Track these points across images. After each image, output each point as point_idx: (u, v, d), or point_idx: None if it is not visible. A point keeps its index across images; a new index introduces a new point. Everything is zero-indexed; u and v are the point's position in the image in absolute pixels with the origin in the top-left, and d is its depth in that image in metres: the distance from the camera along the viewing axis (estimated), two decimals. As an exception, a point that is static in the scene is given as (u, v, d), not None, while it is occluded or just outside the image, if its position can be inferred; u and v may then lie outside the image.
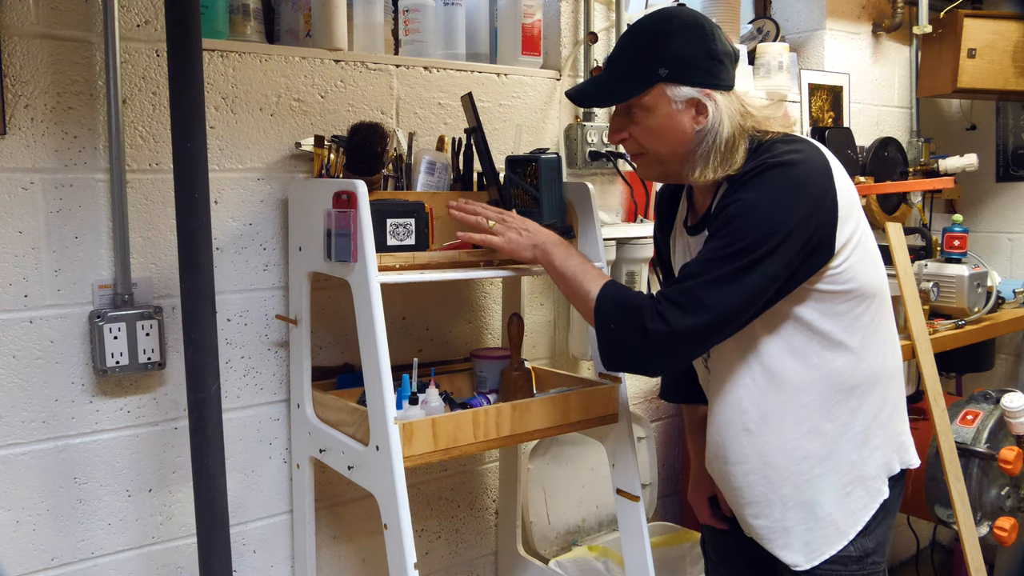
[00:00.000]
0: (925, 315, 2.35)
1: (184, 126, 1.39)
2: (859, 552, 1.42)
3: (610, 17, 2.30)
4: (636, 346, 1.35)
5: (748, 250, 1.27)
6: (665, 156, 1.40)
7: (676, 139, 1.38)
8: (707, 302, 1.28)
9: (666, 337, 1.30)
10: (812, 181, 1.30)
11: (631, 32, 1.42)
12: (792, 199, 1.28)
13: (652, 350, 1.34)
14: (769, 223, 1.27)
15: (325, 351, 1.86)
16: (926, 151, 3.08)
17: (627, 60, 1.39)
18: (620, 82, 1.39)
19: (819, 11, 2.87)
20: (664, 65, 1.35)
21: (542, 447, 2.19)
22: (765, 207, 1.28)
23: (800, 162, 1.30)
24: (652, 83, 1.35)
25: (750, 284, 1.28)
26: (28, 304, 1.53)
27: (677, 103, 1.36)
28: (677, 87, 1.35)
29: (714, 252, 1.30)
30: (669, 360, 1.40)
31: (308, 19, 1.82)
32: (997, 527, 2.25)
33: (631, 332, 1.34)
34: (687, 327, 1.29)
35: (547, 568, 2.08)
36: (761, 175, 1.30)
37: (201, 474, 1.47)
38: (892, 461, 1.45)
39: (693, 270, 1.32)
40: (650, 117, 1.37)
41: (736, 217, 1.29)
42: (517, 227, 1.53)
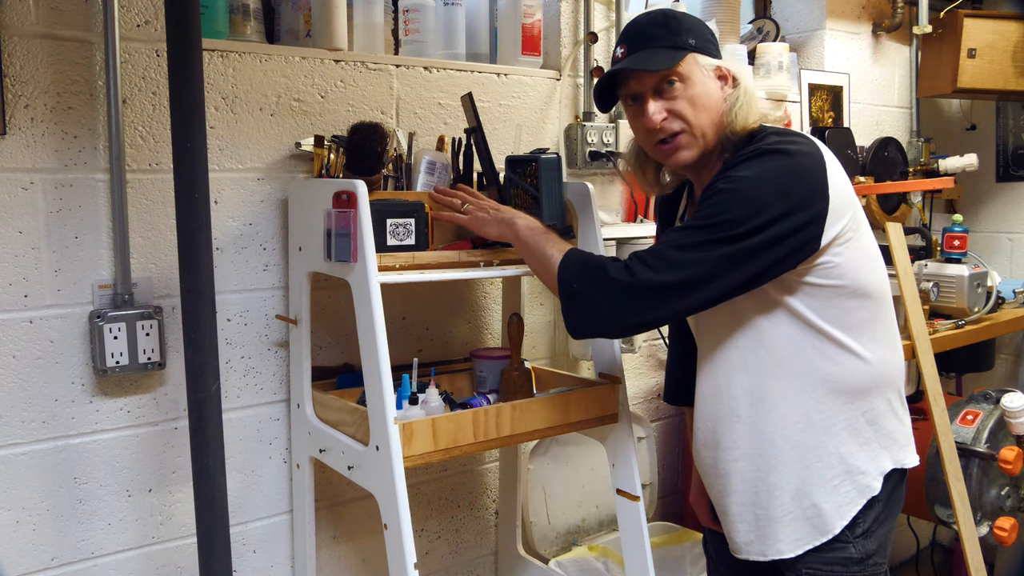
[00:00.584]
0: (925, 315, 2.35)
1: (184, 126, 1.39)
2: (860, 554, 1.42)
3: (610, 17, 2.30)
4: (598, 301, 1.35)
5: (727, 224, 1.28)
6: (706, 127, 1.40)
7: (715, 107, 1.40)
8: (674, 261, 1.30)
9: (628, 288, 1.31)
10: (804, 172, 1.31)
11: (639, 23, 1.43)
12: (781, 187, 1.29)
13: (614, 302, 1.33)
14: (753, 203, 1.28)
15: (325, 351, 1.86)
16: (926, 151, 3.08)
17: (652, 38, 1.40)
18: (659, 54, 1.38)
19: (819, 11, 2.87)
20: (689, 36, 1.39)
21: (542, 447, 2.19)
22: (752, 188, 1.29)
23: (795, 153, 1.32)
24: (686, 51, 1.38)
25: (723, 257, 1.29)
26: (28, 304, 1.53)
27: (707, 71, 1.40)
28: (704, 56, 1.40)
29: (694, 220, 1.32)
30: (630, 313, 1.35)
31: (308, 19, 1.82)
32: (997, 527, 2.25)
33: (594, 287, 1.35)
34: (649, 280, 1.30)
35: (547, 568, 2.08)
36: (755, 159, 1.31)
37: (201, 474, 1.47)
38: (885, 459, 1.44)
39: (670, 237, 1.34)
40: (689, 87, 1.39)
41: (721, 192, 1.30)
42: (486, 207, 1.57)
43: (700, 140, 1.41)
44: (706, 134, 1.40)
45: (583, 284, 1.37)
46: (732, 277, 1.31)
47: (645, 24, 1.42)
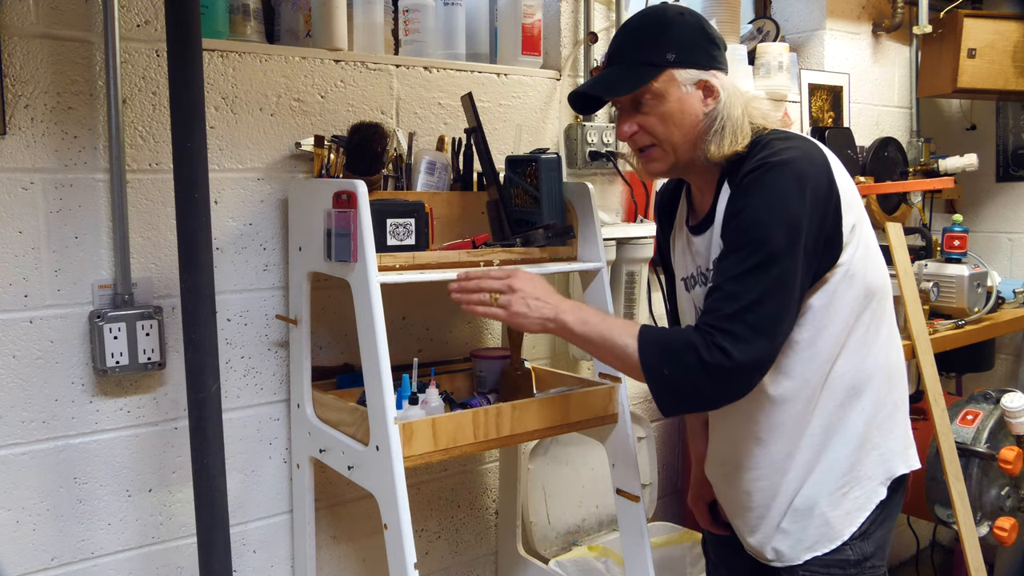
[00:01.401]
0: (925, 315, 2.35)
1: (184, 126, 1.39)
2: (857, 556, 1.42)
3: (610, 17, 2.30)
4: (698, 384, 1.28)
5: (773, 257, 1.26)
6: (678, 143, 1.38)
7: (689, 123, 1.37)
8: (758, 326, 1.26)
9: (730, 371, 1.26)
10: (813, 175, 1.30)
11: (628, 27, 1.41)
12: (798, 196, 1.28)
13: (717, 385, 1.28)
14: (783, 223, 1.26)
15: (325, 351, 1.86)
16: (926, 151, 3.08)
17: (631, 51, 1.38)
18: (629, 73, 1.37)
19: (819, 11, 2.87)
20: (670, 50, 1.35)
21: (542, 447, 2.19)
22: (775, 208, 1.27)
23: (799, 159, 1.30)
24: (661, 68, 1.35)
25: (786, 290, 1.27)
26: (28, 304, 1.53)
27: (687, 86, 1.36)
28: (685, 70, 1.36)
29: (741, 266, 1.28)
30: (737, 392, 1.31)
31: (308, 19, 1.82)
32: (997, 527, 2.24)
33: (689, 372, 1.28)
34: (749, 358, 1.26)
35: (547, 568, 2.08)
36: (763, 177, 1.29)
37: (201, 474, 1.47)
38: (893, 463, 1.44)
39: (729, 290, 1.28)
40: (662, 104, 1.36)
41: (752, 225, 1.28)
42: (526, 296, 1.40)
43: (671, 154, 1.40)
44: (677, 149, 1.39)
45: (675, 370, 1.29)
46: (797, 300, 1.31)
47: (633, 30, 1.40)
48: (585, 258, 1.76)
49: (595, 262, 1.75)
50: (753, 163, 1.32)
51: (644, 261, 2.18)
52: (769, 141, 1.35)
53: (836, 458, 1.40)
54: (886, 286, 1.44)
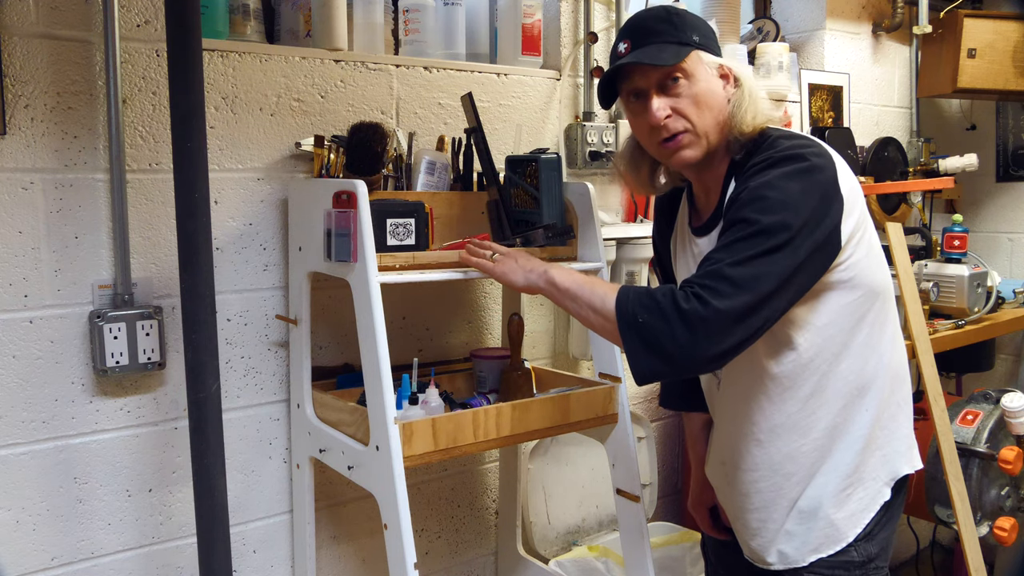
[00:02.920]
0: (925, 315, 2.35)
1: (184, 126, 1.39)
2: (862, 557, 1.41)
3: (610, 17, 2.30)
4: (674, 334, 1.22)
5: (767, 232, 1.23)
6: (710, 128, 1.37)
7: (718, 106, 1.37)
8: (739, 281, 1.22)
9: (706, 319, 1.21)
10: (819, 174, 1.30)
11: (642, 19, 1.40)
12: (803, 191, 1.27)
13: (691, 333, 1.21)
14: (784, 211, 1.25)
15: (325, 351, 1.86)
16: (926, 151, 3.08)
17: (656, 34, 1.37)
18: (665, 49, 1.35)
19: (819, 11, 2.87)
20: (694, 33, 1.37)
21: (542, 447, 2.19)
22: (778, 195, 1.26)
23: (807, 156, 1.30)
24: (691, 48, 1.36)
25: (776, 265, 1.24)
26: (28, 304, 1.53)
27: (711, 68, 1.37)
28: (708, 54, 1.38)
29: (734, 235, 1.26)
30: (712, 343, 1.23)
31: (308, 19, 1.82)
32: (997, 527, 2.24)
33: (664, 319, 1.23)
34: (726, 307, 1.21)
35: (547, 568, 2.08)
36: (770, 168, 1.29)
37: (201, 474, 1.47)
38: (897, 463, 1.44)
39: (717, 255, 1.26)
40: (694, 84, 1.36)
41: (751, 202, 1.27)
42: (518, 259, 1.49)
43: (703, 140, 1.37)
44: (709, 134, 1.37)
45: (651, 317, 1.24)
46: (794, 284, 1.27)
47: (648, 19, 1.39)
48: (585, 258, 1.76)
49: (595, 262, 1.75)
50: (761, 156, 1.32)
51: (644, 261, 2.18)
52: (775, 139, 1.35)
53: (841, 459, 1.40)
54: (889, 287, 1.43)
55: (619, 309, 1.29)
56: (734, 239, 1.26)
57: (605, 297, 1.32)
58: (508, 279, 1.48)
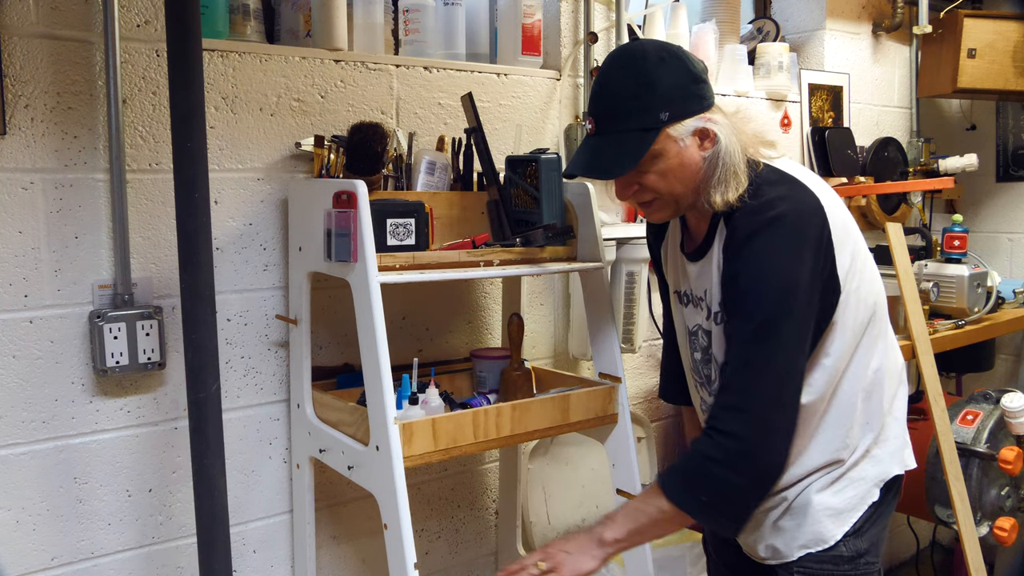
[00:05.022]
0: (925, 315, 2.35)
1: (184, 126, 1.39)
2: (851, 552, 1.43)
3: (610, 17, 2.30)
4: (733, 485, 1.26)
5: (771, 321, 1.25)
6: (680, 194, 1.36)
7: (690, 175, 1.34)
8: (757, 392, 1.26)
9: (746, 451, 1.25)
10: (807, 225, 1.29)
11: (610, 90, 1.34)
12: (791, 255, 1.27)
13: (746, 472, 1.26)
14: (781, 284, 1.26)
15: (325, 351, 1.86)
16: (926, 151, 3.08)
17: (621, 118, 1.33)
18: (625, 144, 1.32)
19: (819, 11, 2.87)
20: (662, 109, 1.30)
21: (542, 447, 2.19)
22: (768, 273, 1.27)
23: (790, 211, 1.28)
24: (657, 131, 1.31)
25: (785, 352, 1.26)
26: (28, 304, 1.53)
27: (684, 140, 1.32)
28: (680, 124, 1.31)
29: (740, 339, 1.28)
30: (768, 465, 1.28)
31: (308, 19, 1.82)
32: (997, 527, 2.24)
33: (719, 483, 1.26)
34: (757, 427, 1.25)
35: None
36: (755, 239, 1.28)
37: (201, 474, 1.47)
38: (886, 465, 1.46)
39: (729, 376, 1.29)
40: (661, 162, 1.33)
41: (745, 293, 1.28)
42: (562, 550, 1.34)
43: (673, 204, 1.38)
44: (680, 199, 1.37)
45: (710, 490, 1.27)
46: (802, 357, 1.29)
47: (616, 94, 1.33)
48: (585, 258, 1.76)
49: (595, 262, 1.75)
50: (745, 215, 1.30)
51: (644, 261, 2.18)
52: (759, 188, 1.31)
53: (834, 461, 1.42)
54: (883, 298, 1.44)
55: (680, 504, 1.29)
56: (741, 342, 1.28)
57: (660, 507, 1.30)
58: (579, 571, 1.33)
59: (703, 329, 1.46)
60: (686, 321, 1.52)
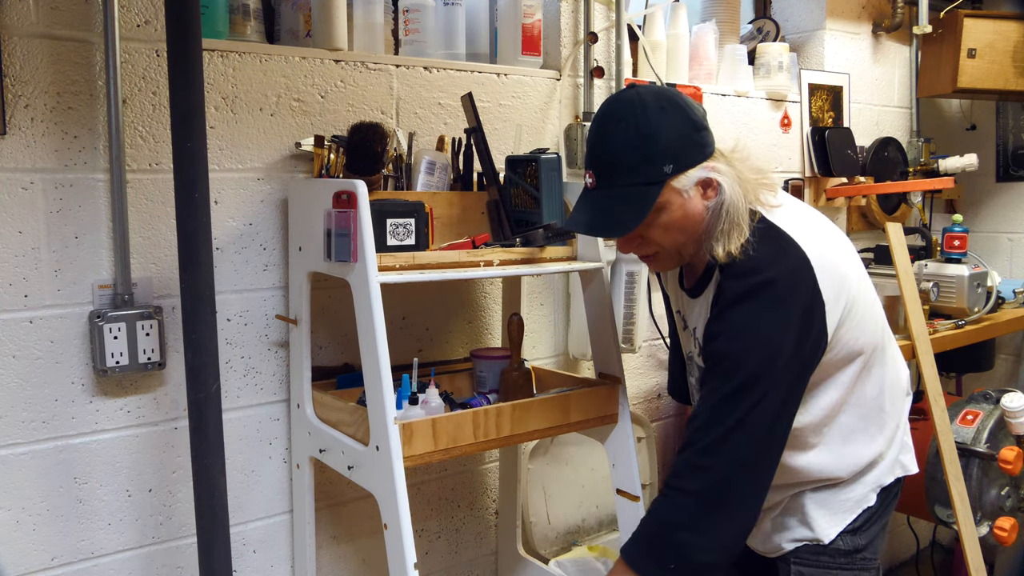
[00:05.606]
0: (925, 315, 2.35)
1: (184, 126, 1.39)
2: (848, 547, 1.45)
3: (610, 17, 2.30)
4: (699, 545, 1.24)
5: (751, 383, 1.23)
6: (683, 246, 1.35)
7: (693, 226, 1.32)
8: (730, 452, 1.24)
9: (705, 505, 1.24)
10: (793, 291, 1.26)
11: (612, 141, 1.29)
12: (781, 321, 1.25)
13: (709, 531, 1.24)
14: (764, 350, 1.24)
15: (325, 351, 1.86)
16: (926, 151, 3.08)
17: (623, 172, 1.29)
18: (629, 200, 1.29)
19: (819, 11, 2.87)
20: (666, 162, 1.27)
21: (542, 447, 2.19)
22: (755, 335, 1.25)
23: (778, 276, 1.26)
24: (661, 185, 1.28)
25: (765, 414, 1.24)
26: (28, 304, 1.53)
27: (687, 192, 1.30)
28: (684, 176, 1.29)
29: (717, 392, 1.26)
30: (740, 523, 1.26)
31: (308, 19, 1.82)
32: (997, 527, 2.25)
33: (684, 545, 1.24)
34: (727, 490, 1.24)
35: (547, 568, 2.08)
36: (742, 304, 1.26)
37: (201, 474, 1.47)
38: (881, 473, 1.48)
39: (701, 420, 1.27)
40: (664, 216, 1.30)
41: (728, 353, 1.26)
42: None
43: (676, 256, 1.37)
44: (682, 250, 1.36)
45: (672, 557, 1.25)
46: (784, 418, 1.28)
47: (616, 145, 1.28)
48: (585, 258, 1.76)
49: (595, 262, 1.75)
50: (733, 278, 1.28)
51: (644, 261, 2.18)
52: (753, 250, 1.28)
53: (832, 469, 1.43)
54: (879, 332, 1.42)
55: (644, 571, 1.28)
56: (716, 400, 1.26)
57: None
58: None
59: (694, 360, 1.49)
60: (683, 345, 1.56)
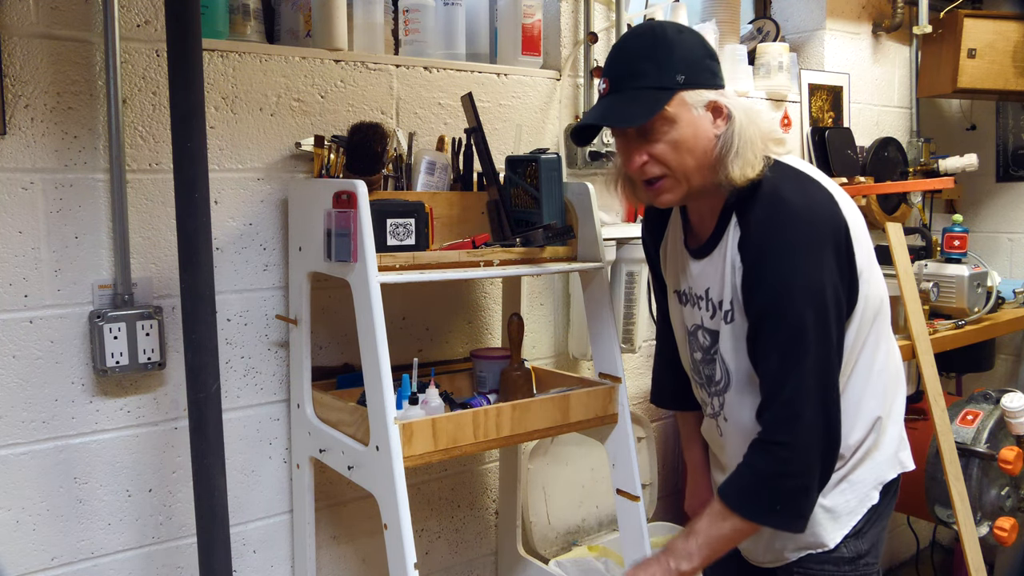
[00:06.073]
0: (925, 315, 2.35)
1: (184, 126, 1.39)
2: (852, 553, 1.43)
3: (610, 17, 2.30)
4: (799, 486, 1.28)
5: (804, 322, 1.25)
6: (691, 171, 1.33)
7: (702, 148, 1.31)
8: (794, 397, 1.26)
9: (796, 454, 1.27)
10: (827, 226, 1.28)
11: (627, 50, 1.34)
12: (817, 255, 1.26)
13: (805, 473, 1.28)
14: (808, 285, 1.25)
15: (325, 351, 1.86)
16: (926, 151, 3.08)
17: (636, 76, 1.30)
18: (641, 99, 1.29)
19: (819, 11, 2.87)
20: (678, 72, 1.29)
21: (542, 447, 2.19)
22: (797, 274, 1.26)
23: (809, 209, 1.28)
24: (672, 92, 1.29)
25: (823, 349, 1.26)
26: (28, 304, 1.53)
27: (697, 108, 1.30)
28: (695, 91, 1.30)
29: (775, 352, 1.28)
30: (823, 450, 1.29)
31: (308, 19, 1.82)
32: (997, 527, 2.24)
33: (790, 490, 1.28)
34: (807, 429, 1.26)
35: (547, 568, 2.08)
36: (775, 239, 1.27)
37: (201, 474, 1.47)
38: (884, 469, 1.46)
39: (772, 371, 1.29)
40: (674, 129, 1.30)
41: (773, 301, 1.27)
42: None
43: (683, 184, 1.34)
44: (690, 177, 1.33)
45: (779, 501, 1.29)
46: (839, 356, 1.31)
47: (632, 55, 1.31)
48: (585, 258, 1.76)
49: (595, 262, 1.75)
50: (762, 214, 1.29)
51: (644, 261, 2.17)
52: (776, 183, 1.30)
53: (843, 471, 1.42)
54: (886, 300, 1.43)
55: (757, 519, 1.32)
56: (778, 356, 1.28)
57: (736, 527, 1.33)
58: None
59: (704, 328, 1.45)
60: (685, 321, 1.51)
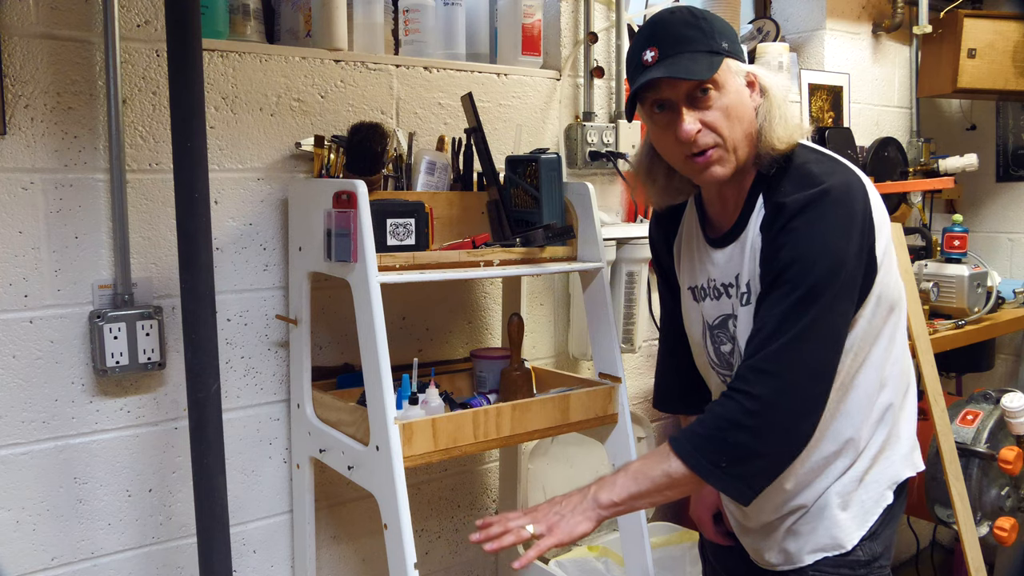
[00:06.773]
0: (925, 315, 2.35)
1: (184, 126, 1.39)
2: (867, 556, 1.41)
3: (610, 17, 2.30)
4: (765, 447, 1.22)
5: (818, 289, 1.22)
6: (740, 141, 1.30)
7: (748, 117, 1.30)
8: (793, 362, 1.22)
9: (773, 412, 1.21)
10: (853, 201, 1.27)
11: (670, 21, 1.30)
12: (844, 229, 1.25)
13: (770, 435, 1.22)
14: (829, 258, 1.23)
15: (325, 351, 1.86)
16: (926, 151, 3.08)
17: (685, 42, 1.27)
18: (697, 60, 1.26)
19: (819, 11, 2.87)
20: (722, 40, 1.29)
21: (542, 447, 2.19)
22: (821, 242, 1.24)
23: (839, 186, 1.26)
24: (722, 57, 1.27)
25: (831, 319, 1.24)
26: (28, 304, 1.53)
27: (740, 77, 1.30)
28: (736, 61, 1.30)
29: (780, 302, 1.24)
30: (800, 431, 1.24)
31: (308, 19, 1.82)
32: (997, 527, 2.25)
33: (742, 446, 1.22)
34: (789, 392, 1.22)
35: (547, 568, 2.08)
36: (805, 211, 1.25)
37: (201, 474, 1.47)
38: (898, 468, 1.44)
39: (768, 331, 1.24)
40: (724, 95, 1.28)
41: (795, 261, 1.24)
42: (552, 511, 1.30)
43: (733, 155, 1.31)
44: (739, 148, 1.31)
45: (726, 456, 1.22)
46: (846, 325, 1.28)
47: (676, 24, 1.30)
48: (585, 258, 1.76)
49: (595, 262, 1.75)
50: (792, 190, 1.28)
51: (644, 261, 2.18)
52: (805, 162, 1.30)
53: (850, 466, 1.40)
54: (903, 297, 1.42)
55: (696, 469, 1.24)
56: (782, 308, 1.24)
57: (668, 470, 1.26)
58: (574, 534, 1.28)
59: (734, 317, 1.41)
60: (705, 317, 1.47)
